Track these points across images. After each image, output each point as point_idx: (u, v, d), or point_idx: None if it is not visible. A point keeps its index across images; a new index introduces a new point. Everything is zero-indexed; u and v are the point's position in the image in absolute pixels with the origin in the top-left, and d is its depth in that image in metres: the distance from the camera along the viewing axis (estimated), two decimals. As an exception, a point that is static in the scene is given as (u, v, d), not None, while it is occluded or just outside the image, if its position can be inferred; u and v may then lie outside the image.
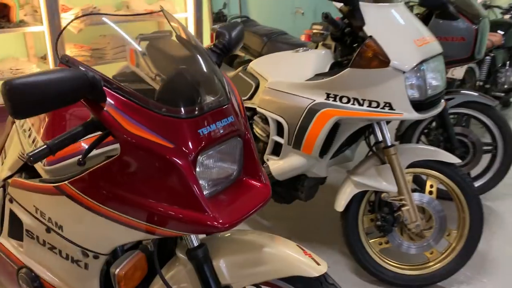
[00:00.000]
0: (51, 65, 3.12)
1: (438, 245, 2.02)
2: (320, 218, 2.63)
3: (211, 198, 1.10)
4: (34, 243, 1.33)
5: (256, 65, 2.15)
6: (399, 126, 2.78)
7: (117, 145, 1.03)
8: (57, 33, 3.00)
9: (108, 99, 0.99)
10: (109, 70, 1.56)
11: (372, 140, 2.05)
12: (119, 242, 1.16)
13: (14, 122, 1.50)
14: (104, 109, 0.99)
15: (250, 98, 2.13)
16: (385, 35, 1.68)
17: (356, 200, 2.02)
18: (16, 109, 0.86)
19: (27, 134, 1.36)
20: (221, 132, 1.08)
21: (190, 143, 1.02)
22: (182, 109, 1.04)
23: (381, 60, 1.65)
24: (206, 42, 3.89)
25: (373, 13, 1.71)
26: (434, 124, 2.71)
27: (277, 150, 2.05)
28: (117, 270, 1.09)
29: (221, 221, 1.03)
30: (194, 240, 1.18)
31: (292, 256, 1.22)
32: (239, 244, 1.25)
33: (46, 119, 1.35)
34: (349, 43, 1.80)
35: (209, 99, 1.11)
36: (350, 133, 1.93)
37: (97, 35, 3.48)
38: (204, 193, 1.09)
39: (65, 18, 3.04)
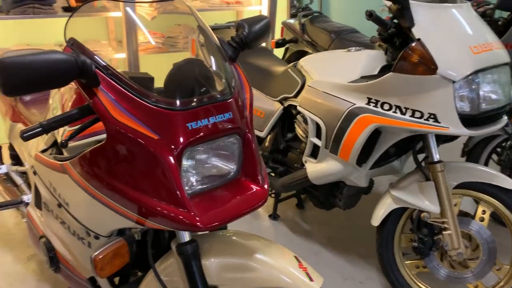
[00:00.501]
0: (125, 49, 3.29)
1: (484, 278, 1.79)
2: (363, 229, 2.48)
3: (200, 195, 1.07)
4: (50, 216, 1.40)
5: (305, 62, 2.06)
6: (467, 141, 2.51)
7: None
8: (131, 20, 3.16)
9: (101, 85, 1.00)
10: (177, 58, 1.58)
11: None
12: (115, 226, 1.17)
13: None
14: (95, 94, 1.00)
15: (296, 96, 2.05)
16: (436, 39, 1.51)
17: (394, 216, 1.86)
18: (5, 87, 0.89)
19: (55, 111, 1.43)
20: (215, 127, 1.04)
21: (176, 136, 0.99)
22: (175, 101, 1.01)
23: (428, 66, 1.49)
24: (277, 36, 3.84)
25: (426, 13, 1.54)
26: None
27: (315, 153, 1.96)
28: (94, 254, 1.11)
29: (199, 219, 0.99)
30: (185, 235, 1.16)
31: (285, 268, 1.15)
32: (232, 246, 1.21)
33: (73, 98, 1.40)
34: (399, 44, 1.64)
35: (208, 93, 1.08)
36: (392, 142, 1.78)
37: (173, 23, 3.61)
38: (192, 189, 1.07)
39: (141, 6, 3.18)
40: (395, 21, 1.62)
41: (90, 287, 1.37)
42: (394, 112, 1.62)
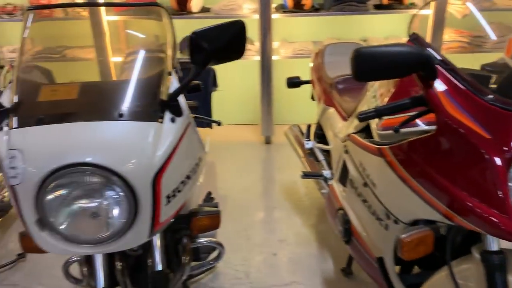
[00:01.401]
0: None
1: None
2: None
3: None
4: (353, 192, 1.56)
5: None
6: None
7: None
8: (440, 18, 3.11)
9: (439, 79, 1.04)
10: (482, 59, 1.56)
11: None
12: (418, 215, 1.22)
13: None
14: (432, 87, 1.04)
15: None
16: None
17: None
18: (358, 73, 1.04)
19: (373, 100, 1.56)
20: None
21: (510, 139, 0.94)
22: None
23: None
24: None
25: None
26: None
27: None
28: (403, 235, 1.17)
29: (521, 230, 0.93)
30: (493, 243, 1.10)
31: None
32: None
33: (390, 92, 1.50)
34: None
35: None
36: None
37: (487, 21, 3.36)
38: (515, 196, 1.00)
39: (452, 3, 3.08)
40: None
41: (376, 266, 1.47)
42: None
